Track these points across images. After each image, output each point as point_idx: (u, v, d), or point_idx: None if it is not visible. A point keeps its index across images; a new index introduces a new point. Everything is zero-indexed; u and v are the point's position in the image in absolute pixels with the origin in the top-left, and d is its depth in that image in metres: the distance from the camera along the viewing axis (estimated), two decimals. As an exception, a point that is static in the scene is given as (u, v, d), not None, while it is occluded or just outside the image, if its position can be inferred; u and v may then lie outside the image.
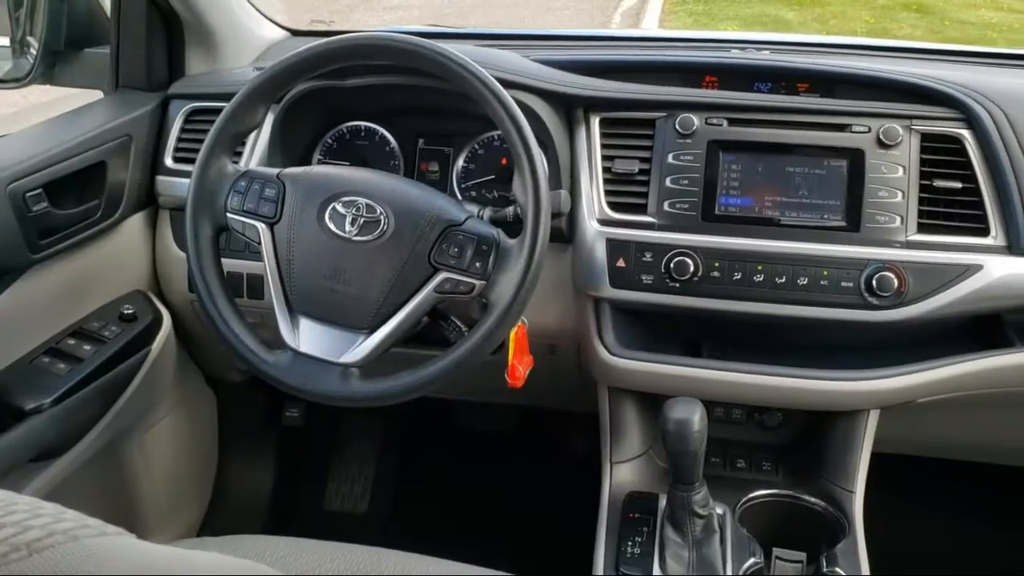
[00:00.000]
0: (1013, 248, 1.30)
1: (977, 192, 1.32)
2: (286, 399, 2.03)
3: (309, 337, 1.21)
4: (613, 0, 10.75)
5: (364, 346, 1.18)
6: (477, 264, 1.17)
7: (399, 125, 1.56)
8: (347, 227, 1.20)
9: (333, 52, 1.23)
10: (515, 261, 1.16)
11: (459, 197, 1.53)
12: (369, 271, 1.19)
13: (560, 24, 9.28)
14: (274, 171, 1.27)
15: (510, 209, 1.26)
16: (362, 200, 1.21)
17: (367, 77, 1.43)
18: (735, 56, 1.56)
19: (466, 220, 1.20)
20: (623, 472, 1.45)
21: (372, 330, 1.19)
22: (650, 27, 8.96)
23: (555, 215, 1.28)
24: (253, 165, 1.51)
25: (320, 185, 1.24)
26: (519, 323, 1.28)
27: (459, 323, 1.26)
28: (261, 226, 1.24)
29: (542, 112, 1.39)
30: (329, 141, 1.58)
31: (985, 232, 1.32)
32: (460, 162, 1.53)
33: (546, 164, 1.40)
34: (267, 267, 1.23)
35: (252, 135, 1.52)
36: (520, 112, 1.18)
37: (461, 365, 1.16)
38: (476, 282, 1.17)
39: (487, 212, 1.27)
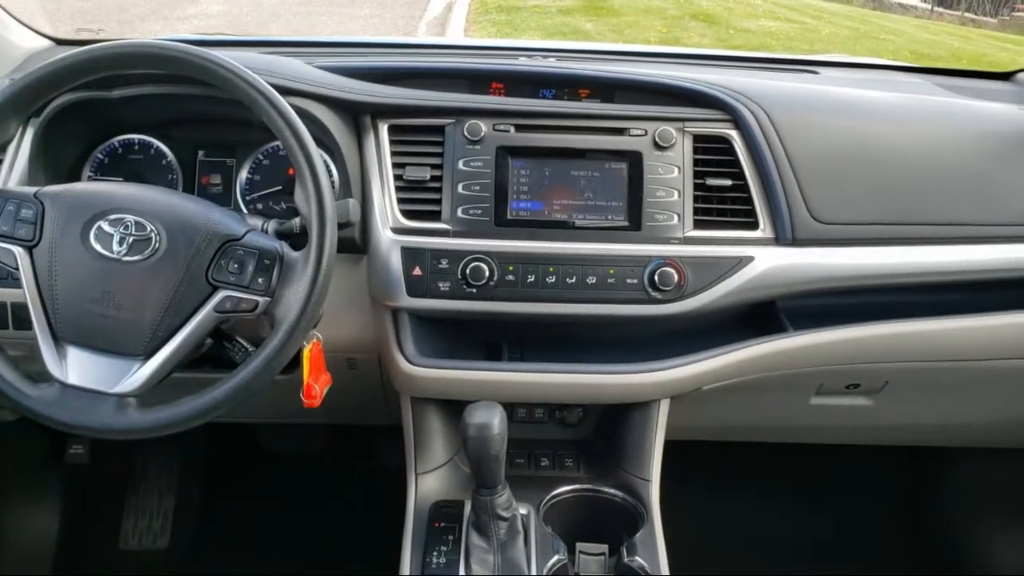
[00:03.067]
0: (780, 239, 1.40)
1: (746, 188, 1.41)
2: (69, 436, 1.88)
3: (79, 367, 1.13)
4: (419, 9, 10.79)
5: (140, 374, 1.12)
6: (259, 280, 1.13)
7: (177, 137, 1.48)
8: (115, 247, 1.13)
9: (91, 61, 1.16)
10: (300, 275, 1.13)
11: (244, 210, 1.46)
12: (142, 293, 1.12)
13: (365, 33, 9.21)
14: (31, 189, 1.18)
15: (296, 220, 1.22)
16: (131, 217, 1.14)
17: (136, 87, 1.34)
18: (521, 64, 1.59)
19: (246, 234, 1.15)
20: (428, 482, 1.43)
21: (148, 356, 1.12)
22: (454, 36, 9.04)
23: (343, 225, 1.26)
24: (12, 184, 1.39)
25: (83, 203, 1.16)
26: (313, 340, 1.25)
27: (245, 343, 1.21)
28: (18, 250, 1.14)
29: (326, 119, 1.36)
30: (100, 156, 1.47)
31: (755, 226, 1.40)
32: (244, 174, 1.47)
33: (335, 172, 1.38)
34: (27, 294, 1.14)
35: (9, 152, 1.39)
36: (298, 119, 1.15)
37: (248, 387, 1.11)
38: (259, 299, 1.13)
39: (271, 225, 1.24)
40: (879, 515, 2.22)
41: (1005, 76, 1.86)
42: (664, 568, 1.29)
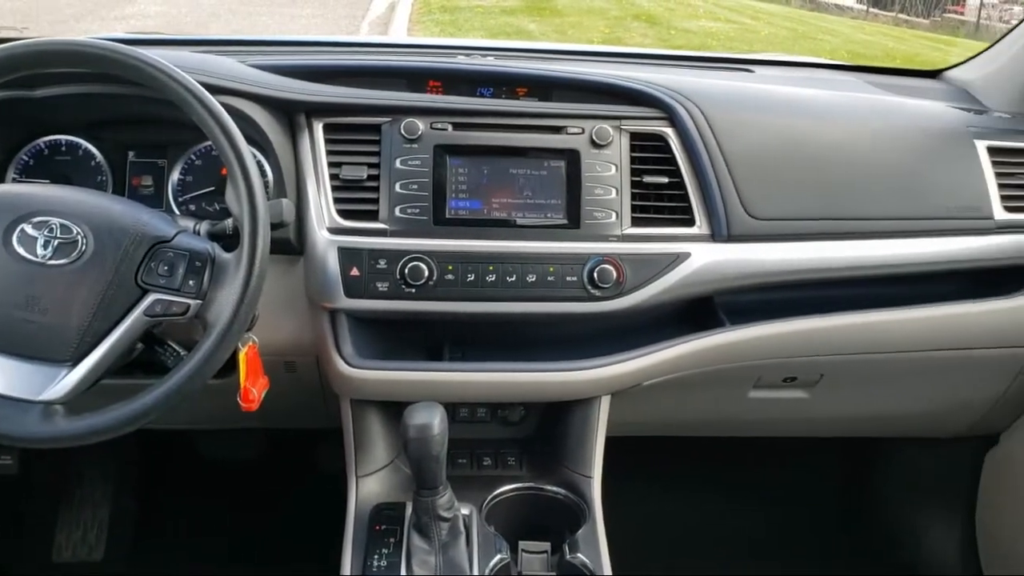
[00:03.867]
0: (715, 236, 1.42)
1: (682, 186, 1.42)
2: (-3, 446, 1.83)
3: (2, 375, 1.08)
4: (361, 9, 10.72)
5: (67, 380, 1.08)
6: (191, 282, 1.11)
7: (105, 138, 1.44)
8: (39, 251, 1.09)
9: (11, 59, 1.12)
10: (232, 276, 1.11)
11: (177, 212, 1.43)
12: (68, 298, 1.09)
13: (306, 33, 9.11)
14: None
15: (228, 221, 1.21)
16: (56, 220, 1.11)
17: (61, 86, 1.31)
18: (459, 62, 1.58)
19: (176, 235, 1.13)
20: (369, 485, 1.42)
21: (76, 362, 1.09)
22: (395, 36, 9.00)
23: (277, 225, 1.24)
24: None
25: (5, 205, 1.12)
26: (249, 343, 1.24)
27: (177, 347, 1.18)
28: None
29: (259, 118, 1.33)
30: (24, 158, 1.43)
31: (691, 222, 1.42)
32: (176, 174, 1.44)
33: (269, 171, 1.36)
34: None
35: None
36: (228, 118, 1.13)
37: (180, 392, 1.08)
38: (191, 302, 1.11)
39: (204, 226, 1.22)
40: (819, 507, 2.26)
41: (934, 74, 1.92)
42: (606, 564, 1.30)
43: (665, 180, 1.42)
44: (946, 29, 14.46)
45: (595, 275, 1.36)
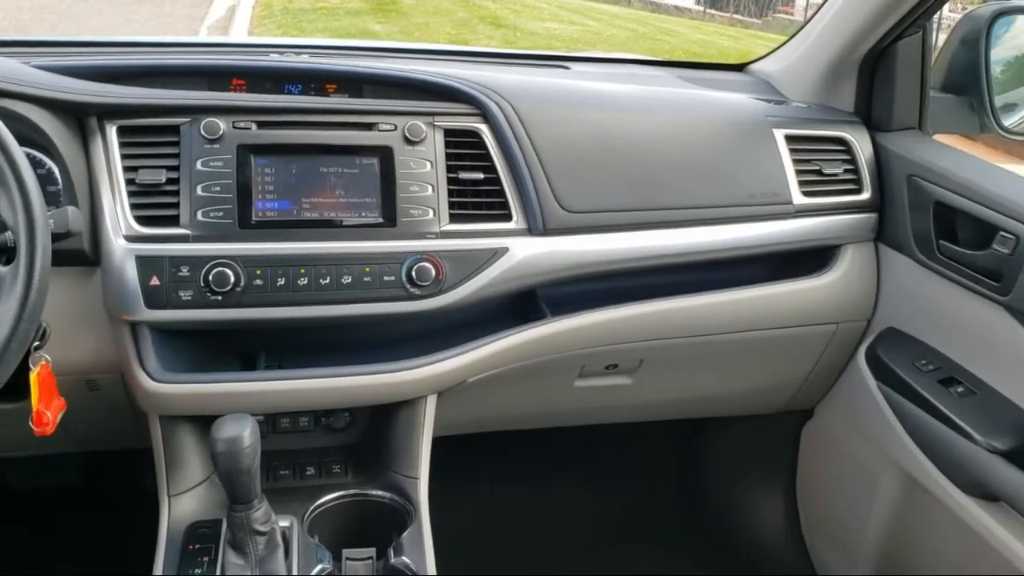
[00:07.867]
0: (532, 230, 1.43)
1: (498, 181, 1.43)
2: None
3: None
4: (200, 11, 10.35)
5: None
6: None
7: None
8: None
9: None
10: (8, 292, 1.03)
11: (-46, 226, 1.32)
12: None
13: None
14: None
15: (8, 234, 1.12)
16: None
17: None
18: (265, 59, 1.54)
19: None
20: (184, 503, 1.35)
21: None
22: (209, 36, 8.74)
23: (63, 235, 1.17)
24: None
25: None
26: (41, 362, 1.16)
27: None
28: None
29: (42, 122, 1.25)
30: None
31: (508, 217, 1.42)
32: None
33: (59, 178, 1.27)
34: None
35: None
36: None
37: None
38: None
39: None
40: (655, 489, 2.33)
41: (740, 68, 2.00)
42: (430, 565, 1.28)
43: (481, 176, 1.42)
44: (777, 28, 15.28)
45: (413, 273, 1.34)
